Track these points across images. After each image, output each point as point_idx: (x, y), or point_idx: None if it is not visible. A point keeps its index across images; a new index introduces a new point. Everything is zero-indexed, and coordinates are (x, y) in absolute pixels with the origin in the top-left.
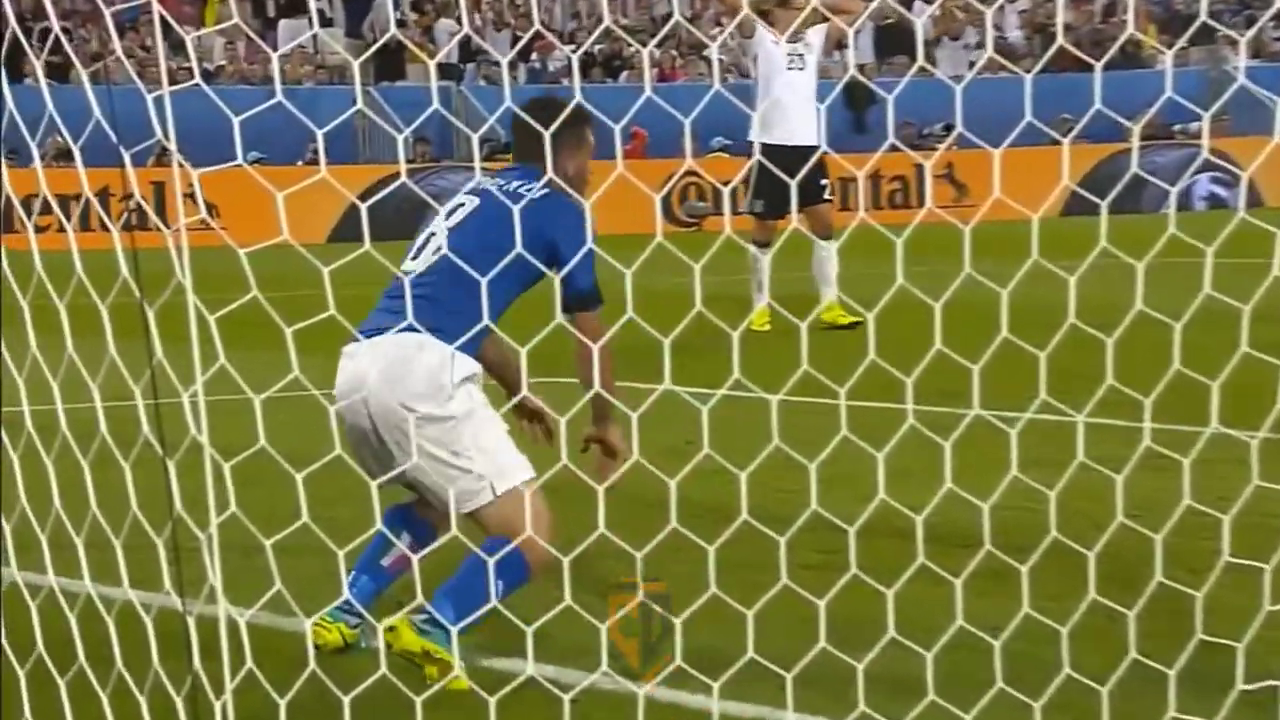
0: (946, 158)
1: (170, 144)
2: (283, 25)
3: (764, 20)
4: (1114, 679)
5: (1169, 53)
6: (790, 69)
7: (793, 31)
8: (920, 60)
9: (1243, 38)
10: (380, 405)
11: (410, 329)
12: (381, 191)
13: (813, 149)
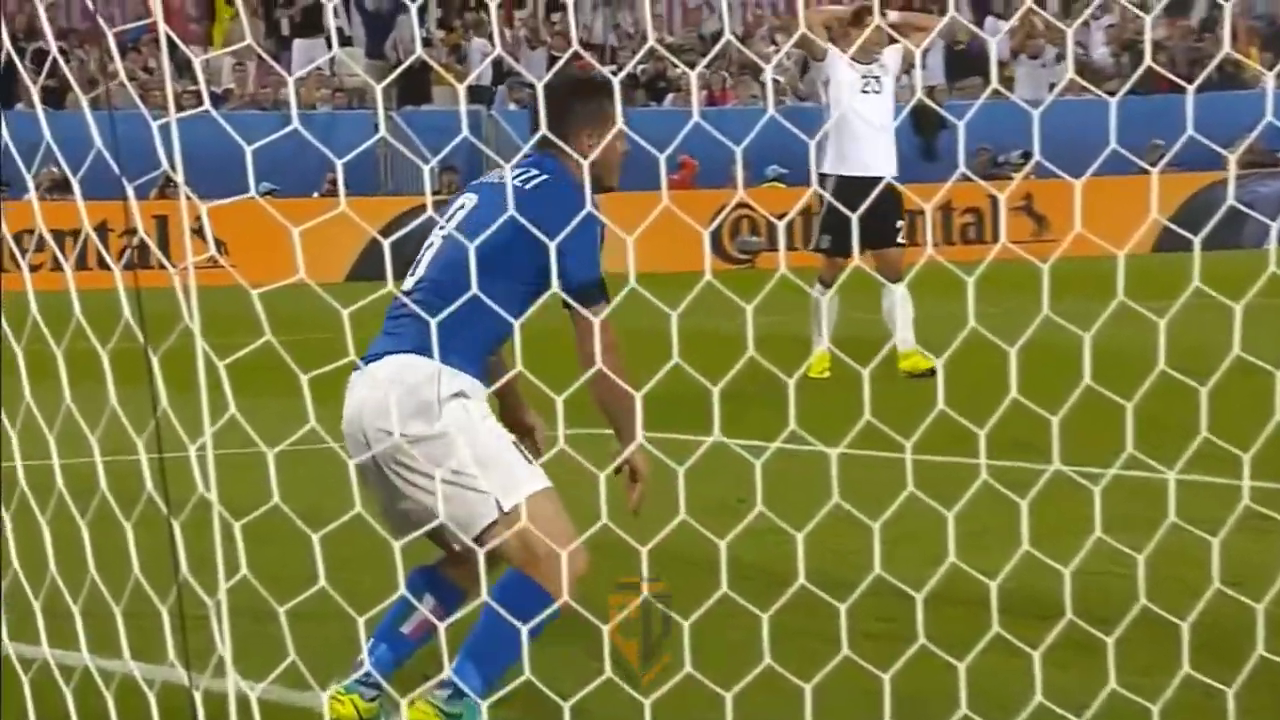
0: (1024, 188)
1: (176, 174)
2: (298, 45)
3: (836, 42)
4: None
5: (1270, 74)
6: (865, 92)
7: (866, 51)
8: (995, 82)
9: None
10: (374, 436)
11: (399, 351)
12: (406, 226)
13: (888, 181)
